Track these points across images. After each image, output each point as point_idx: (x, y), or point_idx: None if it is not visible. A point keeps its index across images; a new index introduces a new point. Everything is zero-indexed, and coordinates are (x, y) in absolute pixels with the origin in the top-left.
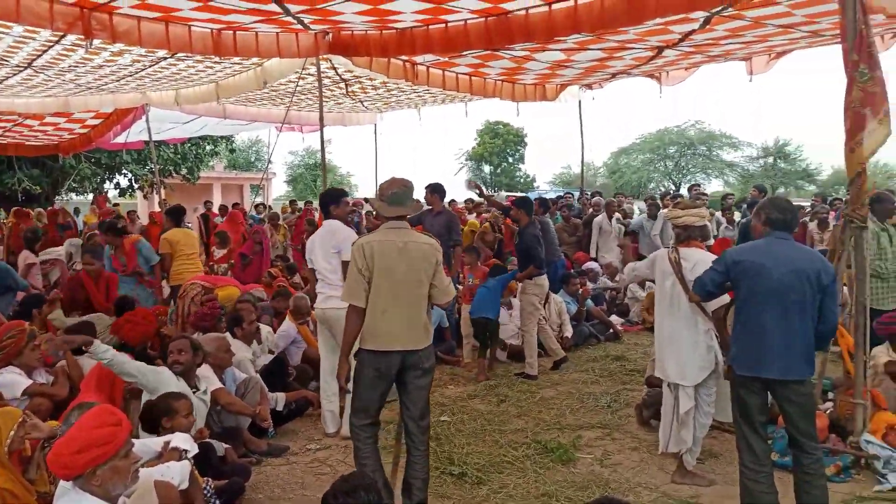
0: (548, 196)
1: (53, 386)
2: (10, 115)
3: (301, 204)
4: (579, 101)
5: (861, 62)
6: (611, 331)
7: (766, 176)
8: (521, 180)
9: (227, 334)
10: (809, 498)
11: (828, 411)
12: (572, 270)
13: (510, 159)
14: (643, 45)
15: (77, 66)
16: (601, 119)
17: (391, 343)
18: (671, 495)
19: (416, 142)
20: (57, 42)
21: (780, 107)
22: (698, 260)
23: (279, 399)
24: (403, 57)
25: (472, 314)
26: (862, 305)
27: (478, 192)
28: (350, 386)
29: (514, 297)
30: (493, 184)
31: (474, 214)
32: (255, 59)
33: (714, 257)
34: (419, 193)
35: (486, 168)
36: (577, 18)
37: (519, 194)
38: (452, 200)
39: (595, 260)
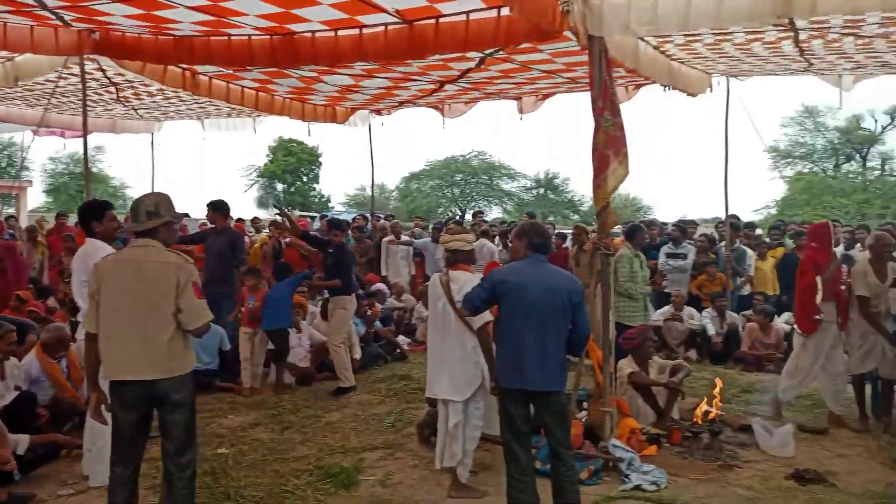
0: (342, 217)
1: None
2: None
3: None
4: (369, 125)
5: (605, 109)
6: (398, 351)
7: (538, 205)
8: (316, 200)
9: None
10: (563, 500)
11: (583, 420)
12: (361, 291)
13: (304, 178)
14: (426, 78)
15: None
16: (394, 143)
17: (123, 372)
18: None
19: (201, 155)
20: None
21: (554, 141)
22: (465, 281)
23: (20, 442)
24: (183, 64)
25: (266, 327)
26: (608, 323)
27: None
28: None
29: (304, 318)
30: (286, 203)
31: (265, 231)
32: (3, 53)
33: (478, 278)
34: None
35: (280, 186)
36: (363, 47)
37: (312, 214)
38: (239, 219)
39: (384, 280)
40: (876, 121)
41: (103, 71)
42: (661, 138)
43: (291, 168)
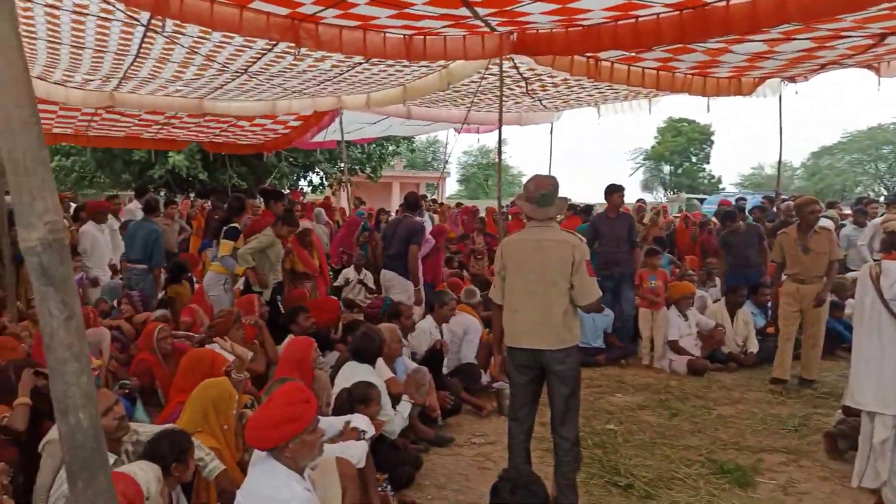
0: (748, 199)
1: (253, 362)
2: (226, 118)
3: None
4: (780, 96)
5: None
6: None
7: None
8: (705, 181)
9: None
10: None
11: None
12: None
13: (693, 159)
14: (862, 32)
15: (285, 72)
16: (801, 115)
17: (521, 340)
18: None
19: (590, 141)
20: (269, 51)
21: None
22: None
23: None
24: (589, 52)
25: None
26: None
27: None
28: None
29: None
30: (672, 185)
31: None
32: (441, 62)
33: None
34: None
35: (666, 168)
36: (786, 9)
37: (700, 196)
38: (640, 200)
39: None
40: None
41: (517, 68)
42: None
43: (680, 149)
